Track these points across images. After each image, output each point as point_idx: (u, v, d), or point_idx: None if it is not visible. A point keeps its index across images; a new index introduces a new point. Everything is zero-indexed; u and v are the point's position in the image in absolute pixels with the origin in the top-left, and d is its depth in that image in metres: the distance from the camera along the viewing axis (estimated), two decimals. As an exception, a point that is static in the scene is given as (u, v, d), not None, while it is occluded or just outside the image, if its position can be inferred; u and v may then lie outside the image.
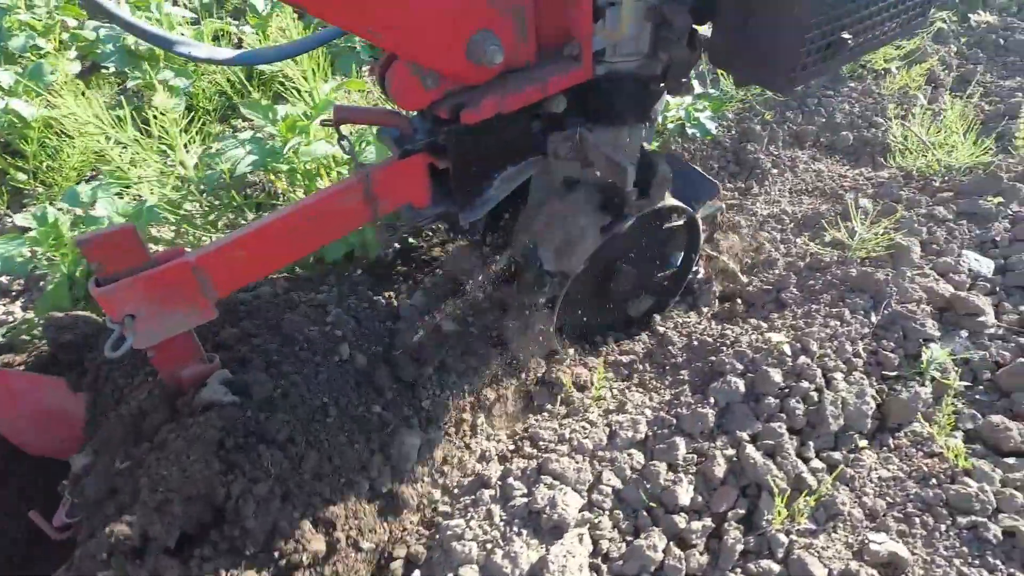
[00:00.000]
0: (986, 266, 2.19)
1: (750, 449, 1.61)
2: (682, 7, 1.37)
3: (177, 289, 1.29)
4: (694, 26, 1.42)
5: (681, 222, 1.86)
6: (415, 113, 1.46)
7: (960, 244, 2.30)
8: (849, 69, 3.31)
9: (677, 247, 2.00)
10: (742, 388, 1.77)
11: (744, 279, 2.28)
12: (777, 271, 2.27)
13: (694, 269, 2.14)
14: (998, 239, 2.29)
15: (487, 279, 1.84)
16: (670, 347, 2.01)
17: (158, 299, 1.27)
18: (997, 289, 2.10)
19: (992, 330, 1.93)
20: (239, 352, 1.62)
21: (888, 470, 1.63)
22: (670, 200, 1.73)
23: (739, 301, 2.20)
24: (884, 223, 2.25)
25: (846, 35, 1.19)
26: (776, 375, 1.77)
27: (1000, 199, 2.42)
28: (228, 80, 3.08)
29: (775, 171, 2.86)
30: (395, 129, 1.42)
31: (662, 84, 1.55)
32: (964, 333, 1.94)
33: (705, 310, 2.20)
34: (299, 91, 2.22)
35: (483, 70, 1.23)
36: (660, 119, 2.73)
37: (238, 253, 1.34)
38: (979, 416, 1.73)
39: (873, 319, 1.96)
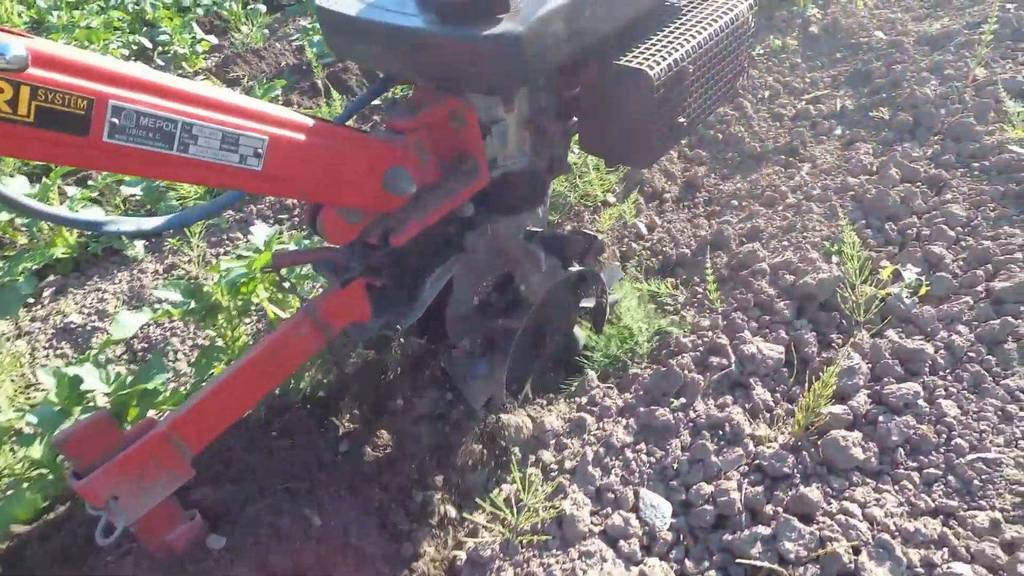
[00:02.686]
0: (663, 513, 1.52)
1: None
2: (553, 114, 1.62)
3: (155, 460, 1.32)
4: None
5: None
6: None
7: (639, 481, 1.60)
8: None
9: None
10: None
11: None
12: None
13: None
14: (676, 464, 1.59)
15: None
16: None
17: (138, 474, 1.30)
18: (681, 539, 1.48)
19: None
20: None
21: None
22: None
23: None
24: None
25: (681, 119, 1.51)
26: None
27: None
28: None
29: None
30: (330, 262, 1.55)
31: (549, 172, 1.80)
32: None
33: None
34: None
35: (399, 199, 1.36)
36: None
37: (209, 409, 1.39)
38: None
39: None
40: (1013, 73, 2.80)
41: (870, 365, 1.70)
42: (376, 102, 3.78)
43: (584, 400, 1.87)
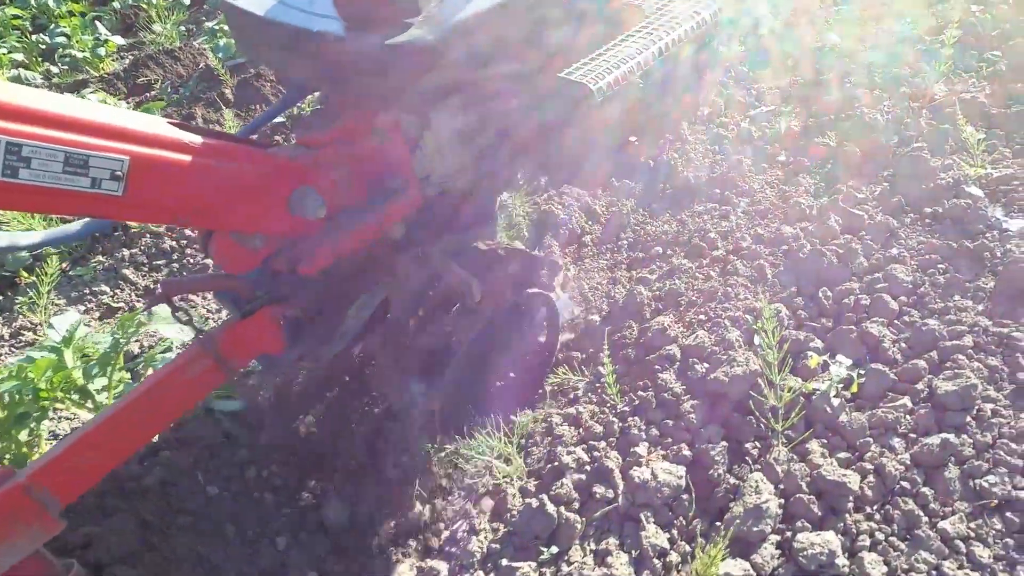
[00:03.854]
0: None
1: None
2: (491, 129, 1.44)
3: (15, 515, 1.16)
4: None
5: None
6: None
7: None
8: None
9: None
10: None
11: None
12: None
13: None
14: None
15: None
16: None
17: None
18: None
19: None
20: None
21: None
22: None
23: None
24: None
25: (633, 138, 1.52)
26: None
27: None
28: None
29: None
30: (231, 291, 1.36)
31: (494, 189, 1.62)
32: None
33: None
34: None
35: (310, 222, 1.21)
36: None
37: (81, 456, 1.22)
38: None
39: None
40: (975, 91, 2.46)
41: (782, 501, 1.39)
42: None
43: (445, 535, 1.54)
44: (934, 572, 1.24)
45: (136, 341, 2.42)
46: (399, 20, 1.06)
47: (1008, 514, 1.28)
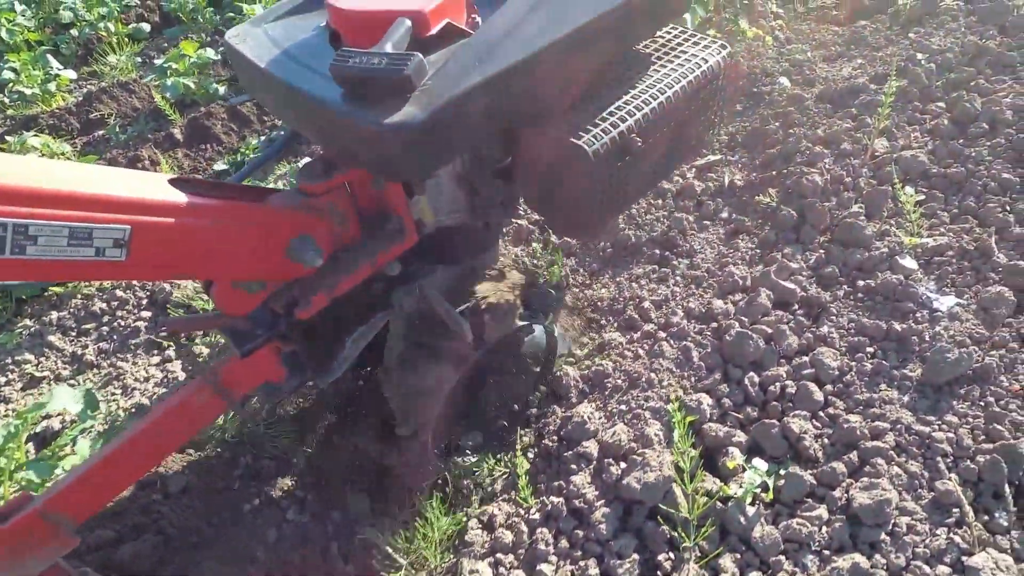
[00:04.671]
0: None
1: None
2: (488, 176, 1.48)
3: (31, 536, 1.28)
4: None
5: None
6: None
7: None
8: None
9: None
10: None
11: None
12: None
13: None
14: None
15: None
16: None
17: (12, 551, 1.26)
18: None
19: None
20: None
21: None
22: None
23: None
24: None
25: (628, 189, 1.41)
26: None
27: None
28: None
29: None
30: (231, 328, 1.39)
31: (487, 228, 1.67)
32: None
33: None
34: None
35: (306, 268, 1.24)
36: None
37: (91, 483, 1.33)
38: None
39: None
40: (916, 147, 2.41)
41: (685, 633, 1.32)
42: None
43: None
44: None
45: (58, 415, 2.33)
46: (395, 95, 1.04)
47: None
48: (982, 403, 1.58)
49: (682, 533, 1.46)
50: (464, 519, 1.70)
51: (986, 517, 1.39)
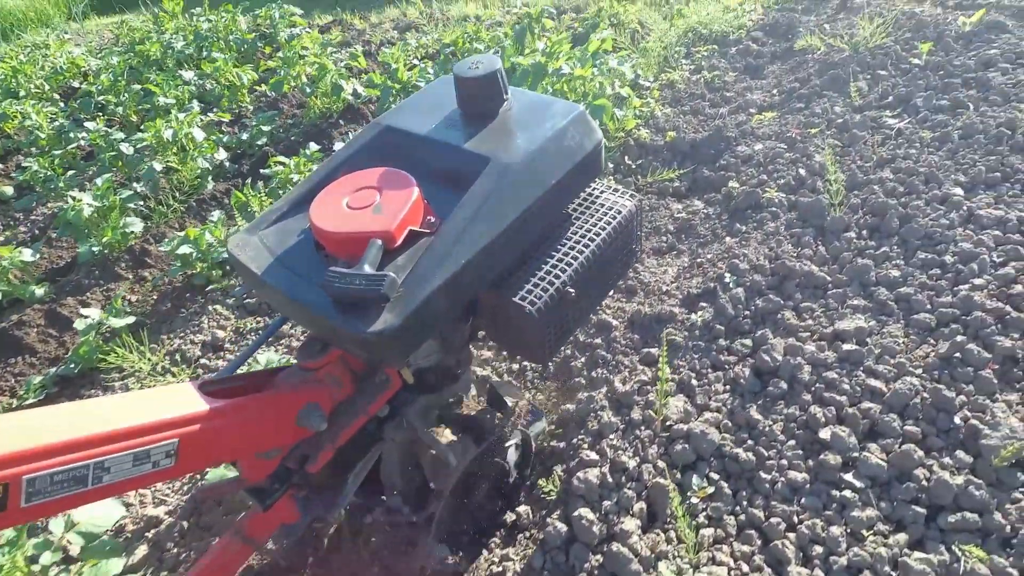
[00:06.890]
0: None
1: None
2: (454, 324, 1.71)
3: None
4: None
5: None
6: None
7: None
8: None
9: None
10: None
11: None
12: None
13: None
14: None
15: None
16: None
17: None
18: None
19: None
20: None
21: None
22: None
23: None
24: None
25: (571, 326, 1.66)
26: None
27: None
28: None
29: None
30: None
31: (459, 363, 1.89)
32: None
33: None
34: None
35: (312, 431, 1.43)
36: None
37: None
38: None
39: None
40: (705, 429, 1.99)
41: None
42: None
43: None
44: None
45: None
46: (374, 306, 1.26)
47: None
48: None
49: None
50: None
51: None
